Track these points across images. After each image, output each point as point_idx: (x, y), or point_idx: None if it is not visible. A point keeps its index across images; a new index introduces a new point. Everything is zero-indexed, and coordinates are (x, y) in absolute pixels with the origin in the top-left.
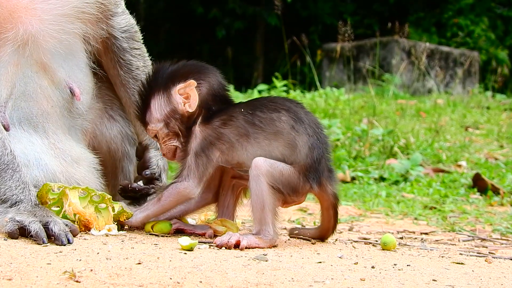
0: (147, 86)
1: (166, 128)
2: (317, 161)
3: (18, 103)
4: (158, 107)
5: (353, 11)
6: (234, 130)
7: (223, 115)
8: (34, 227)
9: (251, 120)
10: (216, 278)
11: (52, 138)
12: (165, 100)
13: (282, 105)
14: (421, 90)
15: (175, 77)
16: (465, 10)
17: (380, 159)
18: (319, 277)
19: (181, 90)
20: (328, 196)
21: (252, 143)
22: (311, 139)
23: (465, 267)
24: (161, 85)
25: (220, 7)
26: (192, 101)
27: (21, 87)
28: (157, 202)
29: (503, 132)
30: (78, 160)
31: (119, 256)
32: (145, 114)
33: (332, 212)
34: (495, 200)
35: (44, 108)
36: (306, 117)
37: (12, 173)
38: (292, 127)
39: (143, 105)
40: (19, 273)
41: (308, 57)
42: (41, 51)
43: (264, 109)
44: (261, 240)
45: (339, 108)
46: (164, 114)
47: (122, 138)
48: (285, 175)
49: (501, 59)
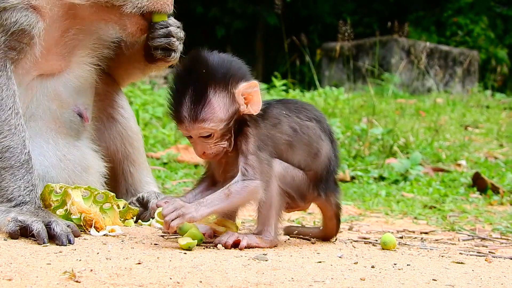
0: (204, 81)
1: (224, 128)
2: (331, 172)
3: (28, 123)
4: (223, 106)
5: (353, 10)
6: (283, 134)
7: (270, 117)
8: (36, 227)
9: (293, 125)
10: (216, 278)
11: (63, 150)
12: (230, 99)
13: (313, 114)
14: (420, 89)
15: (235, 75)
16: (465, 9)
17: (380, 159)
18: (319, 277)
19: (245, 91)
20: (332, 207)
21: (291, 148)
22: (331, 152)
23: (465, 267)
24: (221, 82)
25: (220, 7)
26: (256, 103)
27: (32, 109)
28: (226, 198)
29: (503, 131)
30: (87, 169)
31: (119, 256)
32: (202, 111)
33: (335, 221)
34: (494, 199)
35: (53, 127)
36: (328, 127)
37: (24, 173)
38: (320, 137)
39: (199, 102)
40: (19, 273)
41: (308, 56)
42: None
43: (300, 115)
44: (261, 240)
45: (338, 108)
46: (229, 115)
47: (122, 139)
48: (297, 181)
49: (501, 58)
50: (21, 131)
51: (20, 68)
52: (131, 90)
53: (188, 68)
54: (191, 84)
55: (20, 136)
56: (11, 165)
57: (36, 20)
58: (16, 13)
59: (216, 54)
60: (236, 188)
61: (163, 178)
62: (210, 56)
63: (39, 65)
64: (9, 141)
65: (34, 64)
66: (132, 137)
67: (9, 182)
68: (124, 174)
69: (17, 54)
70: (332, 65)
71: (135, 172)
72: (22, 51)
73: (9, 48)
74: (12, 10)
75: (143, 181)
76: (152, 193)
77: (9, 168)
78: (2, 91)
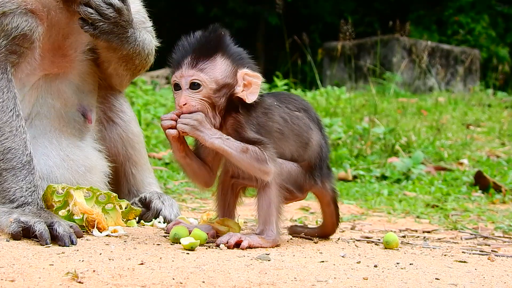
0: (217, 45)
1: (214, 93)
2: (323, 159)
3: (34, 122)
4: (223, 71)
5: (354, 9)
6: (274, 123)
7: (261, 107)
8: (39, 228)
9: (283, 116)
10: (219, 278)
11: (66, 150)
12: (231, 72)
13: (300, 104)
14: (422, 88)
15: (243, 59)
16: (466, 8)
17: (382, 158)
18: (322, 277)
19: (246, 77)
20: (327, 191)
21: (283, 138)
22: (322, 139)
23: (467, 265)
24: (231, 56)
25: (221, 7)
26: (253, 93)
27: (37, 107)
28: (241, 151)
29: (505, 130)
30: (91, 169)
31: (121, 257)
32: (205, 63)
33: (333, 207)
34: (497, 198)
35: (57, 126)
36: (315, 116)
37: (26, 174)
38: (309, 127)
39: (205, 55)
40: (21, 274)
41: (309, 55)
42: (60, 79)
43: (289, 106)
44: (263, 240)
45: (340, 107)
46: (224, 82)
47: (123, 142)
48: (293, 174)
49: (502, 57)
50: (22, 133)
51: (22, 70)
52: (133, 90)
53: (206, 32)
54: (204, 42)
55: (21, 137)
56: (12, 166)
57: (36, 24)
58: (16, 18)
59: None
60: (254, 151)
61: (165, 178)
62: (229, 37)
63: (44, 66)
64: (10, 143)
65: (38, 65)
66: (133, 139)
67: (11, 183)
68: (126, 175)
69: (18, 58)
70: (333, 64)
71: (137, 173)
72: (22, 55)
73: (10, 52)
74: (12, 15)
75: (145, 181)
76: (154, 193)
77: (11, 169)
78: (3, 93)
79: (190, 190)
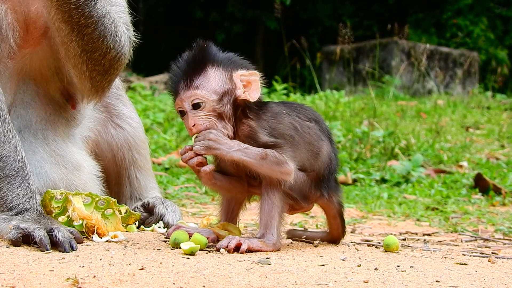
0: (204, 58)
1: (217, 104)
2: (332, 172)
3: (18, 111)
4: (218, 79)
5: (353, 13)
6: (285, 128)
7: (270, 111)
8: (38, 234)
9: (294, 123)
10: (219, 282)
11: (52, 145)
12: (226, 78)
13: (312, 115)
14: (421, 91)
15: (235, 62)
16: (464, 10)
17: (381, 161)
18: (323, 280)
19: (243, 77)
20: (334, 205)
21: (293, 144)
22: (332, 151)
23: (468, 268)
24: (221, 63)
25: (220, 11)
26: (255, 90)
27: (20, 94)
28: (260, 158)
29: (504, 132)
30: (78, 167)
31: (122, 262)
32: (197, 79)
33: (339, 220)
34: (497, 200)
35: (43, 115)
36: (326, 128)
37: (21, 181)
38: (320, 137)
39: (195, 72)
40: (22, 281)
41: (308, 59)
42: (40, 60)
43: (300, 115)
44: (264, 243)
45: (339, 111)
46: (223, 89)
47: (130, 147)
48: (298, 182)
49: (501, 59)
50: (11, 138)
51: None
52: (132, 96)
53: (191, 50)
54: (191, 61)
55: (11, 143)
56: (6, 174)
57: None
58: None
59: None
60: (273, 156)
61: (165, 183)
62: (214, 46)
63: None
64: (0, 150)
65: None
66: (140, 145)
67: (7, 192)
68: (130, 179)
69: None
70: (332, 68)
71: (141, 178)
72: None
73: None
74: None
75: (148, 186)
76: (157, 198)
77: (4, 177)
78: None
79: (190, 195)
